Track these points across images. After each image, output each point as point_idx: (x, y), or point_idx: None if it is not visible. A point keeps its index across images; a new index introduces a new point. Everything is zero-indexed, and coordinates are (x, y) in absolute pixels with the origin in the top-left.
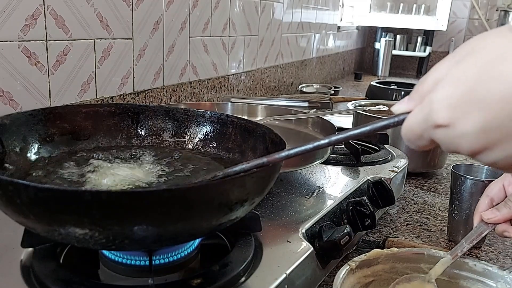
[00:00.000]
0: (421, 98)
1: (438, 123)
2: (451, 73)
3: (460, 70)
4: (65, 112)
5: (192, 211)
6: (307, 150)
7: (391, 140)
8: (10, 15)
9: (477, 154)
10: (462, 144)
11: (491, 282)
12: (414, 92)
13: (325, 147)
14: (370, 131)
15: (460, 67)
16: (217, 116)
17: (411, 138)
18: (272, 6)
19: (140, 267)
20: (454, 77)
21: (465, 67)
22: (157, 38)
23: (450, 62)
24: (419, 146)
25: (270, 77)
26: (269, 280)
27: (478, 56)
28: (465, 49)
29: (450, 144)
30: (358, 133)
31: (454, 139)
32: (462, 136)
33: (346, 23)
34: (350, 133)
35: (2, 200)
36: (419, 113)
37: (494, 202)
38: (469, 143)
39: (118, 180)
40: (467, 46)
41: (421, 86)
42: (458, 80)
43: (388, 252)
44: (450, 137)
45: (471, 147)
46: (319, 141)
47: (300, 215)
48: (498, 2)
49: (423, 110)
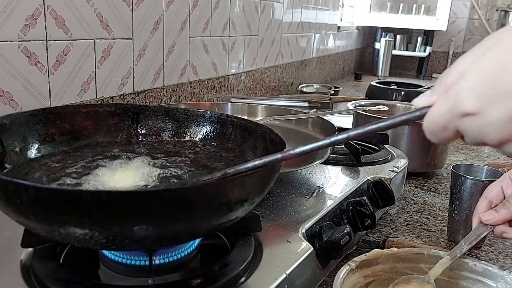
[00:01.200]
0: (445, 91)
1: (466, 112)
2: (476, 64)
3: (485, 61)
4: (65, 112)
5: (192, 211)
6: (323, 145)
7: (391, 140)
8: (10, 15)
9: (504, 144)
10: (490, 134)
11: (491, 282)
12: (437, 85)
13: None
14: (390, 126)
15: (485, 58)
16: (217, 116)
17: (435, 130)
18: (272, 6)
19: (140, 267)
20: (479, 68)
21: (490, 59)
22: (157, 38)
23: (474, 55)
24: (443, 139)
25: (270, 77)
26: (269, 280)
27: (502, 49)
28: (489, 42)
29: (477, 134)
30: (377, 128)
31: (481, 128)
32: (490, 124)
33: (346, 23)
34: (368, 128)
35: (2, 200)
36: (444, 104)
37: (492, 204)
38: (497, 132)
39: (118, 180)
40: (491, 39)
41: (445, 79)
42: (483, 71)
43: (388, 252)
44: (477, 126)
45: (499, 137)
46: (336, 136)
47: (300, 215)
48: (498, 2)
49: (448, 101)
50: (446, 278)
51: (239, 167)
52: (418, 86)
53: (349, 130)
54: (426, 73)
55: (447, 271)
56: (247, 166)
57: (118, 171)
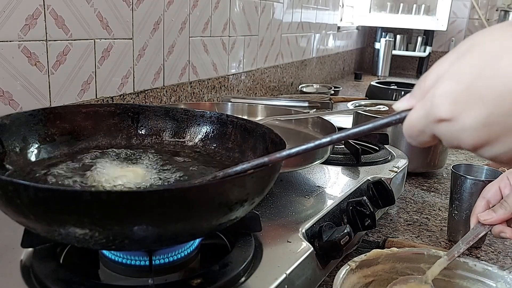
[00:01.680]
0: (423, 95)
1: (440, 117)
2: (452, 69)
3: (461, 66)
4: (65, 112)
5: (192, 211)
6: (308, 149)
7: (391, 140)
8: (10, 15)
9: (478, 149)
10: (464, 138)
11: (491, 282)
12: (416, 89)
13: (327, 146)
14: (371, 129)
15: (460, 63)
16: (217, 116)
17: (413, 134)
18: (272, 6)
19: (140, 267)
20: (454, 73)
21: (465, 64)
22: (157, 38)
23: (451, 59)
24: (421, 142)
25: (270, 77)
26: (269, 280)
27: (477, 53)
28: (465, 45)
29: (452, 139)
30: (359, 131)
31: (456, 134)
32: (464, 130)
33: (346, 23)
34: (351, 131)
35: (2, 200)
36: (420, 108)
37: (490, 204)
38: (471, 137)
39: (118, 180)
40: (466, 43)
41: (423, 83)
42: (458, 76)
43: (388, 252)
44: (452, 131)
45: (473, 141)
46: (320, 140)
47: (300, 215)
48: (498, 2)
49: (424, 106)
50: (446, 278)
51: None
52: None
53: (333, 134)
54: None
55: (447, 271)
56: (248, 166)
57: (118, 171)
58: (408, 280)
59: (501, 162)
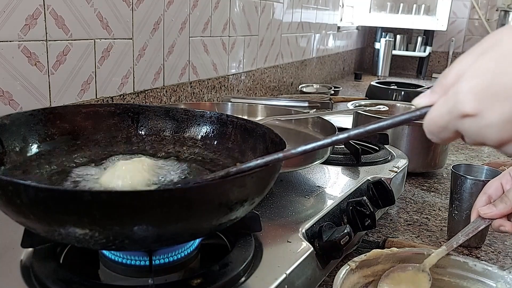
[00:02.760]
0: (445, 91)
1: (466, 113)
2: (476, 65)
3: (485, 62)
4: (65, 112)
5: (192, 211)
6: (325, 145)
7: (391, 140)
8: (10, 15)
9: (504, 145)
10: (489, 134)
11: (491, 282)
12: (437, 85)
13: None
14: (390, 125)
15: (484, 59)
16: (217, 116)
17: (435, 131)
18: (272, 6)
19: (140, 267)
20: (478, 68)
21: (489, 60)
22: (157, 38)
23: (473, 55)
24: (443, 139)
25: (270, 77)
26: (269, 280)
27: (501, 49)
28: (487, 42)
29: (476, 135)
30: (377, 127)
31: (480, 130)
32: (489, 126)
33: (346, 23)
34: (370, 127)
35: (2, 200)
36: (443, 104)
37: (491, 199)
38: (496, 133)
39: (118, 180)
40: (489, 40)
41: (444, 79)
42: (483, 72)
43: (388, 252)
44: (476, 127)
45: (498, 138)
46: (337, 136)
47: (300, 215)
48: (498, 2)
49: (448, 102)
50: (446, 278)
51: (242, 166)
52: (418, 86)
53: (350, 130)
54: (426, 73)
55: (447, 271)
56: (249, 165)
57: (118, 171)
58: (406, 268)
59: None
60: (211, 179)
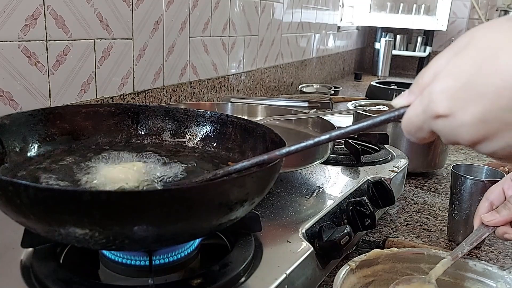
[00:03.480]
0: (421, 91)
1: (438, 113)
2: (449, 65)
3: (458, 62)
4: (65, 112)
5: (192, 211)
6: (308, 146)
7: (391, 140)
8: (10, 15)
9: (476, 144)
10: (462, 134)
11: (491, 282)
12: (414, 85)
13: (326, 143)
14: (371, 126)
15: (457, 59)
16: (217, 116)
17: (411, 130)
18: (272, 6)
19: (140, 267)
20: (452, 69)
21: (462, 60)
22: (157, 38)
23: (448, 55)
24: (419, 138)
25: (270, 77)
26: (269, 280)
27: (474, 49)
28: (461, 41)
29: (450, 135)
30: (358, 128)
31: (454, 129)
32: (462, 126)
33: (346, 23)
34: (350, 128)
35: (2, 200)
36: (418, 104)
37: (494, 205)
38: (469, 133)
39: (118, 180)
40: (463, 39)
41: (421, 79)
42: (456, 72)
43: (388, 252)
44: (450, 127)
45: (471, 137)
46: (319, 137)
47: (300, 215)
48: (498, 2)
49: (422, 102)
50: (447, 278)
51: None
52: None
53: (332, 131)
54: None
55: (447, 271)
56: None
57: (118, 171)
58: (411, 280)
59: (499, 158)
60: (211, 178)
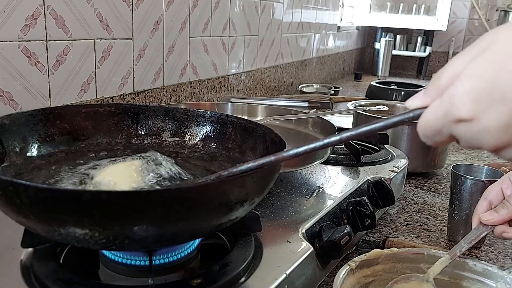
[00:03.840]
0: (439, 93)
1: (460, 118)
2: (470, 67)
3: (480, 64)
4: (65, 112)
5: (192, 211)
6: (317, 147)
7: (391, 140)
8: (10, 15)
9: (500, 150)
10: (485, 140)
11: (491, 282)
12: (431, 86)
13: (337, 144)
14: (383, 128)
15: (479, 61)
16: (217, 116)
17: (429, 134)
18: (272, 6)
19: (140, 267)
20: (473, 71)
21: (484, 61)
22: (157, 38)
23: (468, 57)
24: (437, 142)
25: (270, 77)
26: (269, 280)
27: (496, 50)
28: (482, 43)
29: (472, 140)
30: (370, 129)
31: (476, 134)
32: (486, 131)
33: (346, 23)
34: (361, 129)
35: (2, 200)
36: (438, 108)
37: (492, 204)
38: (493, 138)
39: (118, 180)
40: (484, 40)
41: (438, 80)
42: (478, 74)
43: (388, 252)
44: (472, 132)
45: (495, 143)
46: (329, 138)
47: (300, 215)
48: (498, 2)
49: (442, 105)
50: (446, 278)
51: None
52: (418, 86)
53: (342, 133)
54: (426, 73)
55: (446, 271)
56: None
57: (118, 171)
58: (409, 279)
59: None
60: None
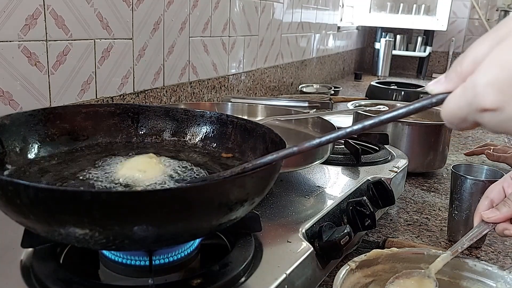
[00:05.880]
0: (461, 79)
1: (485, 107)
2: (493, 55)
3: (502, 51)
4: (65, 112)
5: (192, 211)
6: (340, 136)
7: (391, 140)
8: (10, 15)
9: None
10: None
11: (491, 282)
12: (452, 72)
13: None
14: (406, 114)
15: (501, 48)
16: (217, 116)
17: (454, 122)
18: (272, 6)
19: (140, 267)
20: (496, 58)
21: (506, 49)
22: (157, 38)
23: (488, 43)
24: (462, 128)
25: (270, 77)
26: (269, 280)
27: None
28: (503, 28)
29: (497, 128)
30: (392, 116)
31: (502, 123)
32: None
33: (346, 23)
34: (383, 117)
35: (2, 200)
36: (461, 97)
37: (494, 203)
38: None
39: (118, 180)
40: (503, 27)
41: (459, 66)
42: (501, 62)
43: (388, 252)
44: (498, 120)
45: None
46: (352, 127)
47: (300, 215)
48: (498, 2)
49: (466, 94)
50: (446, 278)
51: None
52: (418, 86)
53: (365, 120)
54: (426, 73)
55: (447, 271)
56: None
57: (118, 171)
58: (411, 274)
59: None
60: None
